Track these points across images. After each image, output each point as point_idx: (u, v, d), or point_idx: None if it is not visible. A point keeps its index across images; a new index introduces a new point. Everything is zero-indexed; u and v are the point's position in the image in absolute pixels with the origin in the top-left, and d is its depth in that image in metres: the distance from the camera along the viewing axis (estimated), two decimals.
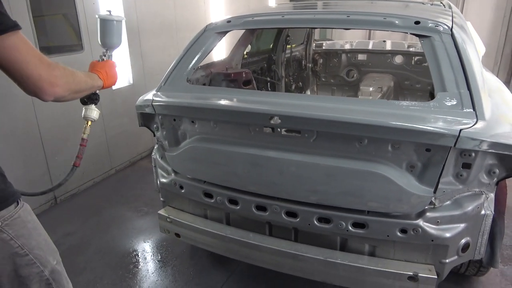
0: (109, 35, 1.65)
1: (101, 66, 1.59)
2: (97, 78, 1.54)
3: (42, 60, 1.15)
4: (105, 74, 1.57)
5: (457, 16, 2.41)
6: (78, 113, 3.87)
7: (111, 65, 1.64)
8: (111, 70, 1.62)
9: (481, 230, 1.90)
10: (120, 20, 1.67)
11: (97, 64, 1.62)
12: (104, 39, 1.67)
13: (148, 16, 4.62)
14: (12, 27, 1.07)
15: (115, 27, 1.65)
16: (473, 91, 1.78)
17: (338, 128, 1.78)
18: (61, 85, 1.21)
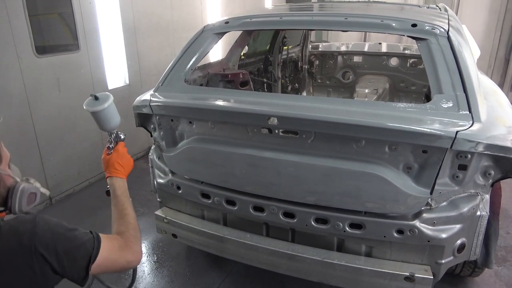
0: (105, 121, 1.50)
1: (113, 161, 1.47)
2: (120, 181, 1.44)
3: (122, 247, 1.20)
4: (121, 168, 1.47)
5: (453, 19, 2.44)
6: (73, 113, 3.87)
7: (122, 154, 1.51)
8: (123, 158, 1.50)
9: (477, 231, 1.92)
10: (109, 103, 1.48)
11: (109, 160, 1.48)
12: (103, 126, 1.52)
13: (145, 16, 4.61)
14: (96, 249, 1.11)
15: (106, 112, 1.49)
16: (469, 93, 1.81)
17: (335, 129, 1.79)
18: (139, 247, 1.27)
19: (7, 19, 3.08)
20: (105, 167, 1.49)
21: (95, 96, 1.49)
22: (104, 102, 1.46)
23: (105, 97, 1.50)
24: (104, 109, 1.47)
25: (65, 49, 3.73)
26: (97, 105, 1.46)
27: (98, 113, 1.47)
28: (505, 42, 7.69)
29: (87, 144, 4.06)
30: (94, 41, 3.95)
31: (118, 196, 1.39)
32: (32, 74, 3.35)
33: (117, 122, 1.55)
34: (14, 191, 1.10)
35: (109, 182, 1.45)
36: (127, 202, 1.38)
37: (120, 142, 1.55)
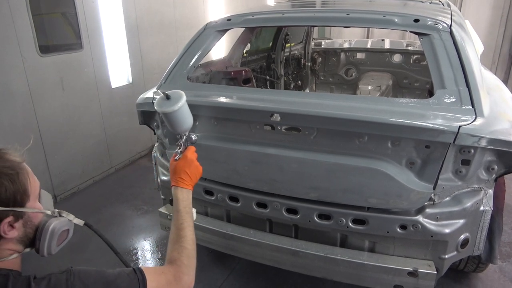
0: (177, 123, 1.35)
1: (180, 169, 1.32)
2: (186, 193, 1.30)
3: (169, 282, 1.09)
4: (187, 177, 1.32)
5: (456, 14, 2.43)
6: (77, 111, 3.89)
7: (190, 161, 1.35)
8: (191, 166, 1.34)
9: (480, 226, 1.92)
10: (183, 103, 1.33)
11: (176, 167, 1.34)
12: (174, 128, 1.38)
13: (148, 14, 4.62)
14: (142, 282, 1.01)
15: (179, 112, 1.33)
16: (472, 88, 1.80)
17: (338, 125, 1.80)
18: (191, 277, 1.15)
19: (11, 18, 3.10)
20: (172, 173, 1.35)
21: (166, 95, 1.33)
22: (177, 102, 1.31)
23: (177, 96, 1.34)
24: (178, 110, 1.32)
25: (68, 48, 3.75)
26: (169, 105, 1.31)
27: (171, 114, 1.32)
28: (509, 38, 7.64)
29: (91, 142, 4.08)
30: (97, 40, 3.96)
31: (179, 211, 1.26)
32: (36, 73, 3.38)
33: (190, 124, 1.40)
34: (43, 232, 0.98)
35: (173, 192, 1.32)
36: (187, 220, 1.24)
37: (189, 147, 1.39)
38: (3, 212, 0.89)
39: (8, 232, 0.91)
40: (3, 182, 0.89)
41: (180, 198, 1.29)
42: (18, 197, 0.92)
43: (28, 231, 0.97)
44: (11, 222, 0.91)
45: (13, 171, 0.91)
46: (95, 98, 4.06)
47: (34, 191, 0.98)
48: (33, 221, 0.98)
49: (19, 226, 0.94)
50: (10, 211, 0.90)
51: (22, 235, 0.96)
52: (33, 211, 0.97)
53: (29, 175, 0.96)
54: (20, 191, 0.92)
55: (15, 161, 0.94)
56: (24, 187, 0.94)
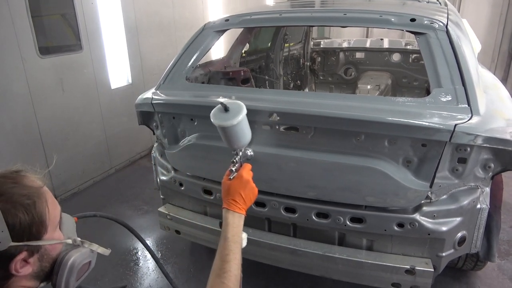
0: (235, 138, 1.24)
1: (234, 190, 1.21)
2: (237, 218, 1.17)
3: None
4: (241, 201, 1.20)
5: (453, 13, 2.44)
6: (77, 112, 3.91)
7: (246, 182, 1.24)
8: (246, 188, 1.22)
9: (477, 224, 1.93)
10: (243, 116, 1.20)
11: (230, 188, 1.22)
12: (231, 143, 1.27)
13: (147, 15, 4.64)
14: None
15: (239, 127, 1.21)
16: (468, 87, 1.81)
17: (335, 124, 1.81)
18: None
19: (11, 20, 3.11)
20: (224, 194, 1.23)
21: (225, 106, 1.20)
22: (237, 115, 1.19)
23: (237, 108, 1.21)
24: (237, 124, 1.19)
25: (68, 50, 3.76)
26: (228, 118, 1.19)
27: (229, 128, 1.20)
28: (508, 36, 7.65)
29: (91, 143, 4.10)
30: (96, 41, 3.98)
31: (227, 239, 1.12)
32: (35, 74, 3.39)
33: (248, 139, 1.27)
34: (62, 267, 0.87)
35: (224, 215, 1.19)
36: (234, 251, 1.10)
37: (245, 165, 1.27)
38: (16, 248, 0.78)
39: (20, 269, 0.80)
40: (17, 214, 0.78)
41: (230, 223, 1.16)
42: (34, 230, 0.81)
43: (44, 265, 0.86)
44: (25, 258, 0.80)
45: (30, 201, 0.80)
46: (95, 99, 4.08)
47: (53, 220, 0.86)
48: (50, 254, 0.87)
49: (34, 261, 0.83)
50: (24, 246, 0.79)
51: (37, 270, 0.85)
52: (51, 243, 0.85)
53: (48, 202, 0.85)
54: (36, 222, 0.81)
55: (33, 186, 0.83)
56: (41, 218, 0.82)
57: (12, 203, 0.78)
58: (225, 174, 1.27)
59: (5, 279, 0.79)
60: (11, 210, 0.77)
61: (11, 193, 0.79)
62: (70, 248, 0.91)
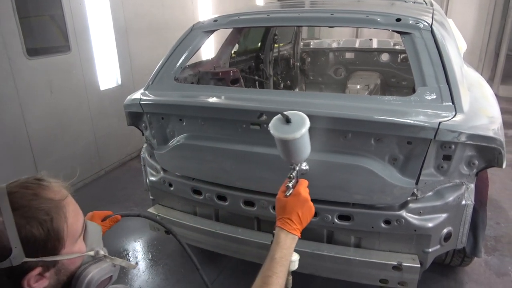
0: (295, 152, 1.15)
1: (291, 209, 1.12)
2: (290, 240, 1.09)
3: None
4: (298, 221, 1.11)
5: (438, 13, 2.48)
6: (66, 114, 3.88)
7: (304, 200, 1.15)
8: (304, 207, 1.13)
9: (463, 220, 1.96)
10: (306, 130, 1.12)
11: (287, 205, 1.13)
12: (289, 157, 1.18)
13: (136, 16, 4.63)
14: None
15: (301, 140, 1.12)
16: (452, 85, 1.85)
17: (322, 123, 1.82)
18: None
19: None
20: (279, 210, 1.15)
21: (286, 118, 1.11)
22: (300, 128, 1.10)
23: (299, 120, 1.12)
24: (300, 138, 1.10)
25: (56, 51, 3.74)
26: (290, 131, 1.09)
27: (291, 142, 1.11)
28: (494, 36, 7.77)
29: (81, 144, 4.07)
30: (85, 42, 3.96)
31: (273, 259, 1.04)
32: (23, 76, 3.36)
33: (308, 153, 1.19)
34: (79, 282, 0.83)
35: (276, 233, 1.11)
36: (278, 274, 1.02)
37: (302, 182, 1.19)
38: (30, 264, 0.75)
39: (35, 283, 0.77)
40: (32, 229, 0.74)
41: (281, 244, 1.07)
42: (49, 245, 0.78)
43: (62, 278, 0.82)
44: (41, 273, 0.77)
45: (47, 217, 0.77)
46: (84, 100, 4.06)
47: (73, 234, 0.83)
48: (68, 267, 0.83)
49: (50, 275, 0.79)
50: (38, 261, 0.76)
51: (54, 283, 0.81)
52: (68, 257, 0.81)
53: (67, 216, 0.81)
54: (52, 238, 0.77)
55: (54, 200, 0.79)
56: (58, 234, 0.78)
57: (27, 218, 0.75)
58: (280, 190, 1.18)
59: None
60: (26, 225, 0.74)
61: (29, 206, 0.76)
62: (91, 261, 0.87)
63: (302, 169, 1.21)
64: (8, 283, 0.75)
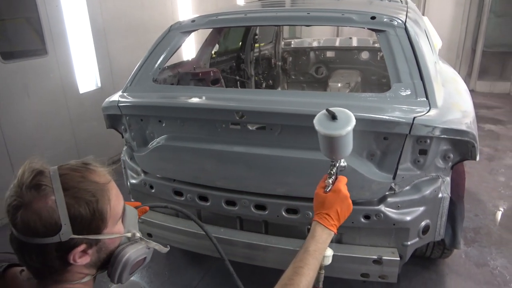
0: (339, 148, 1.15)
1: (331, 204, 1.13)
2: (326, 235, 1.10)
3: None
4: (336, 217, 1.13)
5: (412, 11, 2.53)
6: (44, 118, 3.80)
7: (344, 197, 1.15)
8: (343, 204, 1.14)
9: (440, 212, 2.00)
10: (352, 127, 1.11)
11: (326, 201, 1.14)
12: (332, 153, 1.18)
13: (115, 17, 4.57)
14: None
15: (347, 137, 1.12)
16: (426, 81, 1.89)
17: (299, 121, 1.84)
18: None
19: None
20: (317, 206, 1.16)
21: (332, 114, 1.10)
22: (346, 125, 1.10)
23: (345, 117, 1.12)
24: (346, 135, 1.10)
25: (33, 54, 3.66)
26: (336, 127, 1.09)
27: (336, 138, 1.11)
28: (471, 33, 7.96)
29: (61, 149, 4.00)
30: (62, 45, 3.89)
31: (307, 251, 1.07)
32: None
33: (350, 150, 1.18)
34: (116, 261, 0.90)
35: (313, 227, 1.13)
36: (310, 266, 1.04)
37: (341, 178, 1.19)
38: (76, 240, 0.82)
39: (79, 259, 0.84)
40: (79, 209, 0.82)
41: (317, 237, 1.09)
42: (94, 225, 0.85)
43: (102, 256, 0.90)
44: (84, 250, 0.85)
45: (94, 198, 0.84)
46: (63, 104, 3.98)
47: (115, 216, 0.90)
48: (108, 246, 0.90)
49: (92, 252, 0.87)
50: (83, 239, 0.83)
51: (95, 260, 0.89)
52: (110, 237, 0.89)
53: (111, 198, 0.88)
54: (96, 218, 0.85)
55: (99, 183, 0.86)
56: (102, 215, 0.85)
57: (76, 198, 0.82)
58: (319, 185, 1.20)
59: (64, 266, 0.85)
60: (74, 205, 0.81)
61: (78, 188, 0.83)
62: (128, 242, 0.94)
63: (341, 166, 1.21)
64: (56, 257, 0.82)
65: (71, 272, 0.87)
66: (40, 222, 0.79)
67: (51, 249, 0.81)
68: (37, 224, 0.79)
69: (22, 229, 0.79)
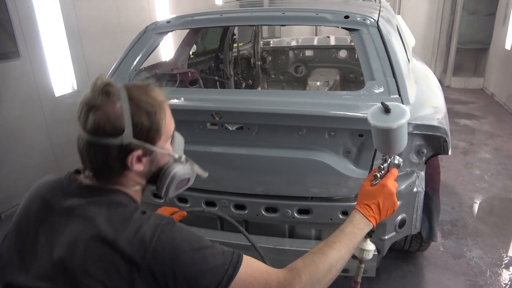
0: (394, 142, 1.13)
1: (375, 198, 1.11)
2: (364, 223, 1.09)
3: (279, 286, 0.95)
4: (377, 212, 1.11)
5: (385, 9, 2.58)
6: (19, 122, 3.71)
7: (390, 193, 1.13)
8: (388, 200, 1.12)
9: (415, 206, 2.05)
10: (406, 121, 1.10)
11: (370, 193, 1.13)
12: (387, 147, 1.16)
13: (89, 19, 4.49)
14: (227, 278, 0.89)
15: (402, 130, 1.11)
16: (398, 78, 1.93)
17: (276, 120, 1.86)
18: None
19: None
20: (361, 197, 1.14)
21: (386, 107, 1.11)
22: (400, 118, 1.09)
23: (399, 110, 1.11)
24: (398, 128, 1.09)
25: (4, 57, 3.55)
26: (389, 120, 1.09)
27: (388, 131, 1.10)
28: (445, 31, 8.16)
29: (36, 154, 3.90)
30: (36, 47, 3.79)
31: (343, 231, 1.07)
32: None
33: (403, 146, 1.17)
34: (165, 174, 1.01)
35: (352, 214, 1.12)
36: (344, 243, 1.04)
37: (392, 173, 1.17)
38: (135, 145, 0.92)
39: (135, 164, 0.94)
40: (141, 117, 0.91)
41: (355, 222, 1.09)
42: (151, 135, 0.94)
43: (152, 169, 1.00)
44: (140, 156, 0.94)
45: (153, 109, 0.93)
46: (38, 108, 3.89)
47: (167, 133, 0.99)
48: (159, 161, 1.00)
49: (146, 161, 0.97)
50: (141, 145, 0.93)
51: (146, 171, 0.98)
52: (161, 151, 0.98)
53: (166, 115, 0.98)
54: (154, 129, 0.94)
55: (157, 99, 0.96)
56: (158, 126, 0.95)
57: (139, 107, 0.91)
58: (367, 178, 1.19)
59: (122, 169, 0.95)
60: (137, 112, 0.91)
61: (140, 99, 0.92)
62: (176, 162, 1.03)
63: (395, 163, 1.19)
64: (117, 158, 0.92)
65: (126, 177, 0.97)
66: (108, 123, 0.89)
67: (113, 149, 0.91)
68: (106, 124, 0.89)
69: (92, 128, 0.89)
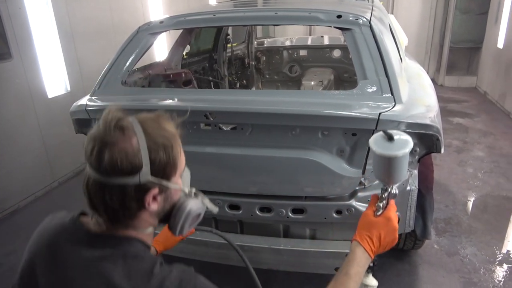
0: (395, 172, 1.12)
1: (376, 230, 1.09)
2: (365, 259, 1.08)
3: None
4: (378, 244, 1.09)
5: (377, 9, 2.58)
6: (11, 124, 3.67)
7: (393, 228, 1.11)
8: (390, 234, 1.10)
9: (409, 205, 2.06)
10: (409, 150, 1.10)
11: (371, 225, 1.11)
12: (388, 176, 1.15)
13: (82, 20, 4.46)
14: None
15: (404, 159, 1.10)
16: (391, 77, 1.93)
17: (269, 120, 1.86)
18: None
19: None
20: (363, 226, 1.12)
21: (389, 135, 1.10)
22: (404, 147, 1.09)
23: (402, 140, 1.11)
24: (402, 157, 1.08)
25: None
26: (393, 149, 1.08)
27: (393, 159, 1.09)
28: (438, 29, 8.20)
29: (29, 156, 3.88)
30: (28, 48, 3.77)
31: (348, 275, 1.05)
32: None
33: (404, 177, 1.16)
34: (180, 211, 0.96)
35: (353, 248, 1.11)
36: None
37: (392, 206, 1.16)
38: (153, 183, 0.87)
39: (151, 203, 0.89)
40: (158, 152, 0.87)
41: (357, 260, 1.07)
42: (167, 170, 0.90)
43: (166, 206, 0.95)
44: (155, 195, 0.89)
45: (169, 143, 0.89)
46: (31, 109, 3.86)
47: (180, 167, 0.95)
48: (173, 197, 0.95)
49: (160, 200, 0.92)
50: (158, 183, 0.88)
51: (160, 209, 0.93)
52: (176, 187, 0.94)
53: (180, 149, 0.93)
54: (170, 164, 0.90)
55: (171, 131, 0.92)
56: (175, 161, 0.90)
57: (155, 143, 0.86)
58: (369, 207, 1.17)
59: (138, 210, 0.89)
60: (154, 147, 0.86)
61: (155, 134, 0.87)
62: (187, 197, 0.98)
63: (392, 194, 1.18)
64: (134, 199, 0.86)
65: (139, 219, 0.91)
66: (126, 160, 0.83)
67: (130, 189, 0.85)
68: (123, 162, 0.83)
69: (108, 167, 0.83)
